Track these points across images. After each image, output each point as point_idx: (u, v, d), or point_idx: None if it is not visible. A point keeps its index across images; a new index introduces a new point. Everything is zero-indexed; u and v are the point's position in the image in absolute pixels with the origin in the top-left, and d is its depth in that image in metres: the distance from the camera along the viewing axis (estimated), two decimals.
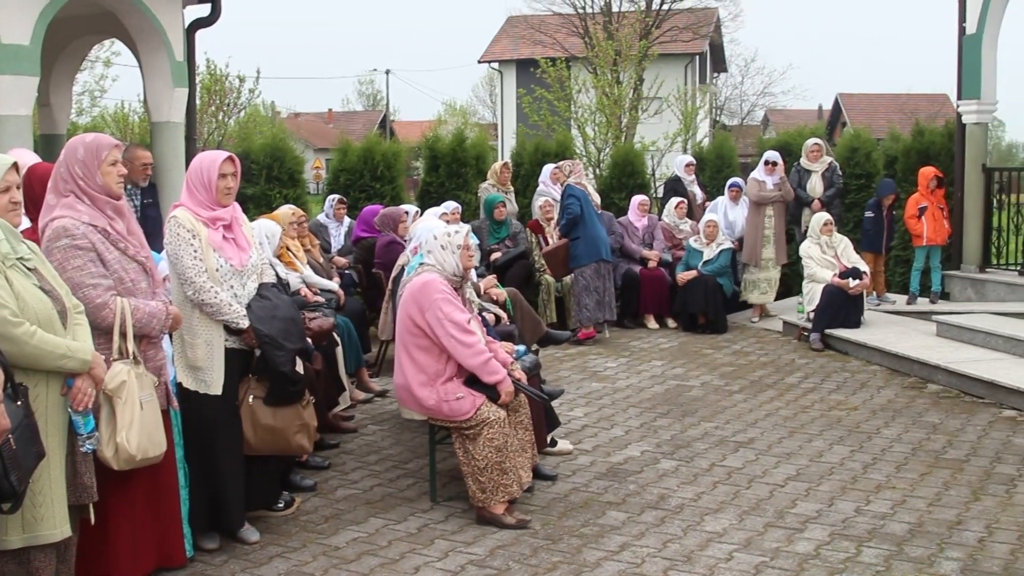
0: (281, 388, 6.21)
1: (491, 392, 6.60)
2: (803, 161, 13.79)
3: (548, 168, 14.60)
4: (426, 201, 15.13)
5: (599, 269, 12.44)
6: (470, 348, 6.52)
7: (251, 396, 6.17)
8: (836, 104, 66.05)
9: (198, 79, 22.65)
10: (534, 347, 9.65)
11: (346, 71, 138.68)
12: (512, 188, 14.67)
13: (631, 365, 11.24)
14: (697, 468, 7.66)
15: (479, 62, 49.67)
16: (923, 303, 13.14)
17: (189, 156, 11.97)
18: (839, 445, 8.21)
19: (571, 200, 12.32)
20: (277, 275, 7.99)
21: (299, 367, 6.36)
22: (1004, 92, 13.44)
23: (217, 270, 5.93)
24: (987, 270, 13.33)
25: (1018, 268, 13.19)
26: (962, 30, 13.47)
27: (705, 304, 13.04)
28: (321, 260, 10.59)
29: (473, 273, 9.30)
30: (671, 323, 13.50)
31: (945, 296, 13.41)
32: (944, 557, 5.96)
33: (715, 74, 54.06)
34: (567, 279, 12.82)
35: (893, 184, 13.86)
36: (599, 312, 12.47)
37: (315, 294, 9.47)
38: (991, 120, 13.99)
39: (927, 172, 13.17)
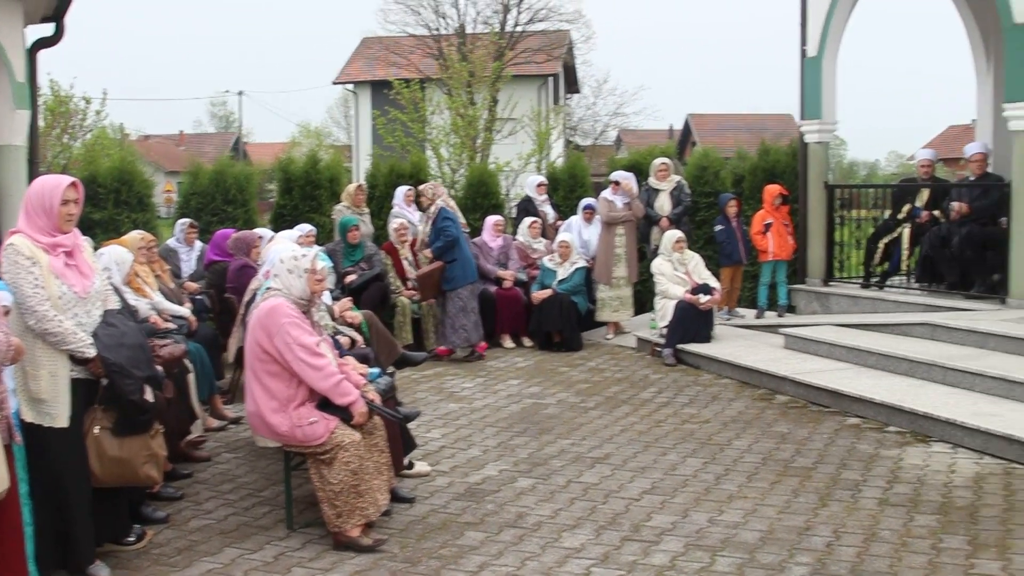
0: (130, 418, 6.06)
1: (345, 415, 6.55)
2: (651, 180, 14.08)
3: (402, 190, 14.59)
4: (280, 224, 14.95)
5: (473, 290, 12.64)
6: (320, 371, 6.45)
7: (97, 427, 6.00)
8: (686, 124, 67.44)
9: (41, 101, 22.02)
10: (390, 369, 9.61)
11: (198, 92, 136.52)
12: (367, 210, 14.60)
13: (487, 385, 11.27)
14: (554, 485, 7.72)
15: (334, 83, 49.34)
16: (771, 317, 13.50)
17: (32, 180, 11.61)
18: (692, 457, 8.36)
19: (448, 223, 12.46)
20: (125, 302, 7.81)
21: (149, 396, 6.21)
22: (846, 112, 13.93)
23: (60, 298, 5.76)
24: (831, 284, 13.75)
25: (859, 281, 13.63)
26: (803, 53, 13.90)
27: (560, 322, 13.16)
28: (172, 285, 10.37)
29: (327, 295, 9.24)
30: (527, 342, 13.58)
31: (792, 309, 13.79)
32: (794, 563, 6.12)
33: (568, 95, 54.63)
34: (426, 302, 12.86)
35: (730, 193, 14.26)
36: (475, 333, 12.63)
37: (165, 320, 9.26)
38: (832, 139, 14.45)
39: (771, 190, 13.56)
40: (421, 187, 13.21)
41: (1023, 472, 7.70)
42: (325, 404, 6.58)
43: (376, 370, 7.71)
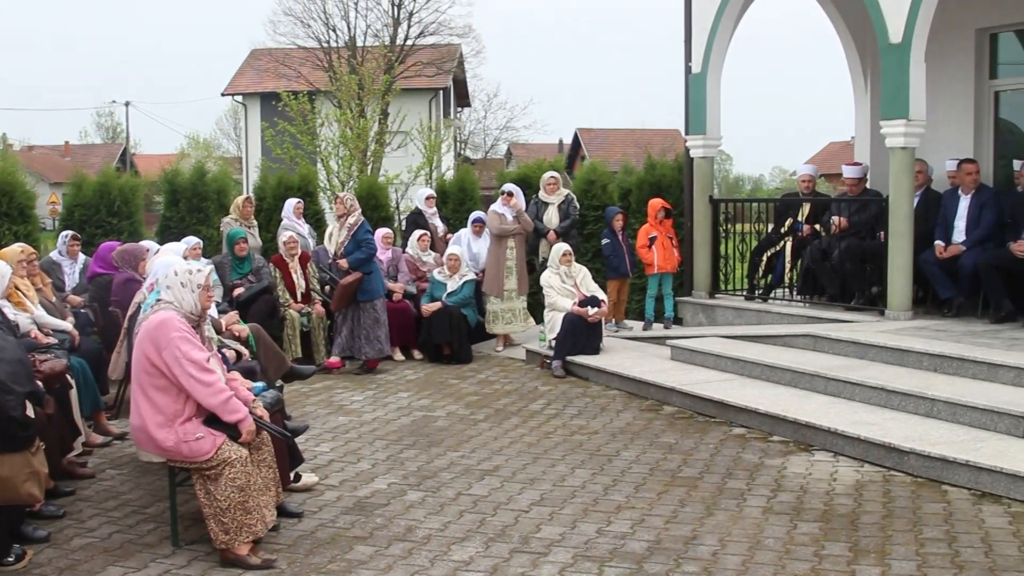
0: (10, 434, 5.89)
1: (232, 431, 6.44)
2: (541, 194, 14.17)
3: (291, 202, 14.48)
4: (166, 236, 14.73)
5: (384, 303, 12.78)
6: (209, 387, 6.34)
7: None
8: (576, 138, 68.07)
9: None
10: (279, 383, 9.50)
11: (84, 103, 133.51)
12: (255, 222, 14.44)
13: (377, 398, 11.20)
14: (443, 498, 7.69)
15: (222, 95, 48.76)
16: (658, 329, 13.65)
17: None
18: (581, 468, 8.40)
19: (369, 235, 12.65)
20: (4, 316, 7.60)
21: (29, 411, 6.04)
22: (731, 127, 14.19)
23: None
24: (716, 296, 13.94)
25: (744, 294, 13.85)
26: (688, 69, 14.10)
27: (450, 335, 13.15)
28: (54, 299, 10.13)
29: (214, 309, 9.08)
30: (417, 354, 13.55)
31: (678, 321, 13.96)
32: (681, 572, 6.17)
33: (459, 108, 54.79)
34: (315, 315, 12.77)
35: (617, 207, 14.42)
36: (387, 344, 12.71)
37: (47, 335, 9.02)
38: (717, 154, 14.68)
39: (655, 204, 13.74)
40: (341, 195, 13.14)
41: (902, 479, 7.88)
42: (212, 419, 6.46)
43: (261, 384, 7.60)
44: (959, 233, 11.80)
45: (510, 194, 13.74)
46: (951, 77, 13.54)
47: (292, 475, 7.74)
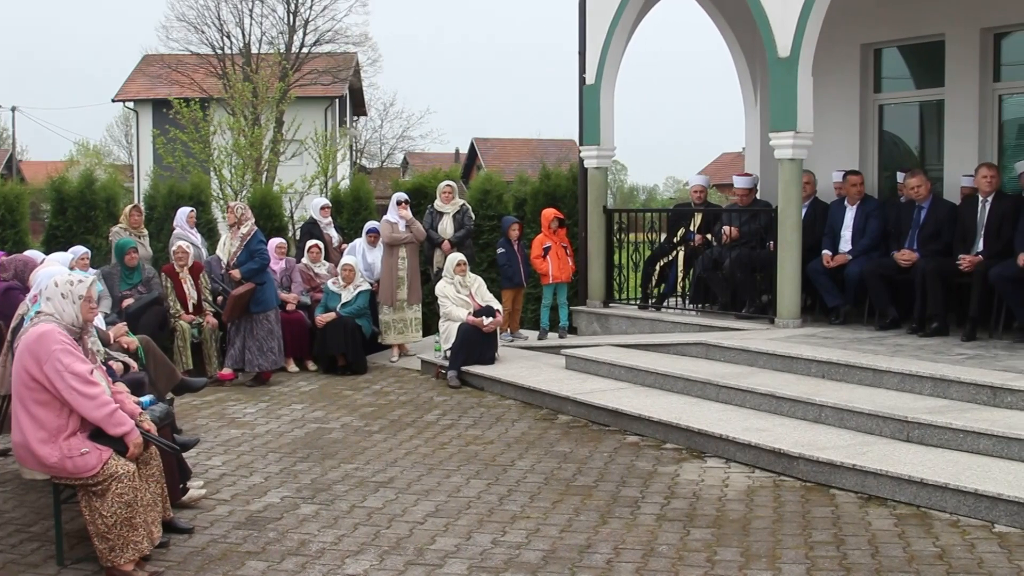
0: None
1: (119, 445, 6.29)
2: (436, 203, 14.15)
3: (184, 211, 14.27)
4: (53, 246, 14.37)
5: (278, 314, 12.68)
6: (93, 400, 6.18)
7: None
8: (472, 148, 68.14)
9: None
10: (169, 396, 9.31)
11: None
12: (146, 232, 14.18)
13: (271, 410, 11.06)
14: (338, 511, 7.60)
15: (113, 101, 47.75)
16: (553, 338, 13.69)
17: None
18: (476, 479, 8.37)
19: (262, 245, 12.53)
20: None
21: None
22: (627, 137, 14.29)
23: None
24: (610, 305, 14.03)
25: (638, 303, 13.97)
26: (582, 81, 14.19)
27: (345, 345, 13.04)
28: None
29: (101, 320, 8.88)
30: (311, 366, 13.44)
31: (573, 330, 14.01)
32: None
33: (355, 117, 54.50)
34: (207, 326, 12.58)
35: (512, 217, 14.47)
36: (281, 356, 12.64)
37: None
38: (611, 164, 14.79)
39: (548, 214, 13.79)
40: (232, 204, 12.96)
41: (791, 484, 8.01)
42: (97, 434, 6.30)
43: (149, 397, 7.44)
44: (845, 242, 12.07)
45: (406, 201, 13.70)
46: (837, 91, 13.85)
47: (181, 488, 7.59)
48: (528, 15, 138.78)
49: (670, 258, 13.73)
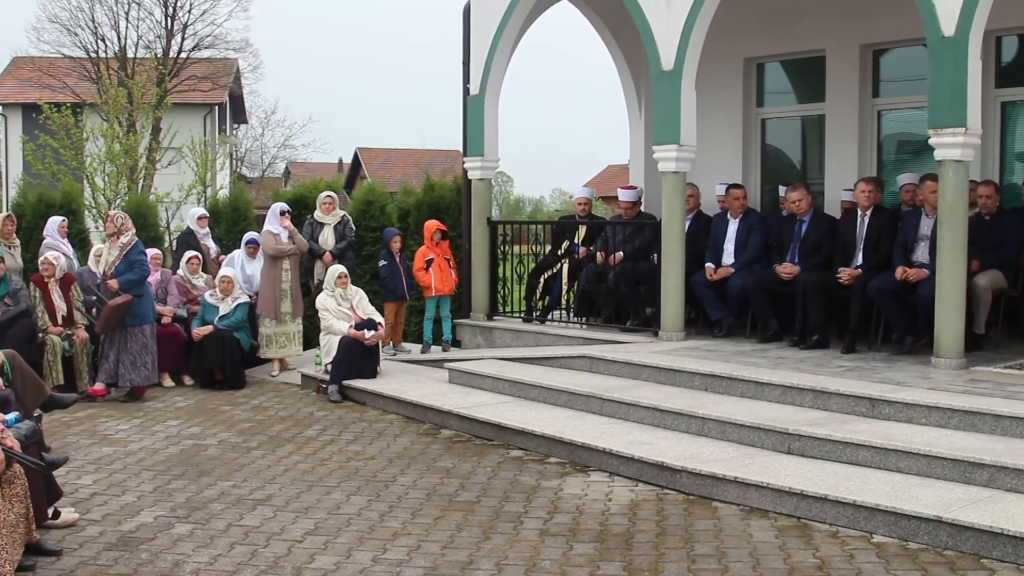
0: None
1: None
2: (317, 214, 14.05)
3: (55, 220, 14.00)
4: None
5: (154, 328, 12.43)
6: None
7: None
8: (356, 157, 67.77)
9: None
10: (37, 412, 9.05)
11: None
12: (17, 242, 13.79)
13: (144, 426, 10.84)
14: (213, 530, 7.47)
15: None
16: (436, 351, 13.67)
17: None
18: (357, 496, 8.31)
19: (142, 256, 12.29)
20: None
21: None
22: (514, 148, 14.36)
23: None
24: (494, 318, 14.06)
25: (521, 316, 14.02)
26: (466, 91, 14.21)
27: (223, 360, 12.86)
28: None
29: None
30: (187, 380, 13.21)
31: (457, 344, 14.01)
32: None
33: (235, 125, 53.83)
34: (78, 340, 12.31)
35: (395, 228, 14.44)
36: (155, 372, 12.40)
37: None
38: (496, 175, 14.83)
39: (430, 225, 13.78)
40: (112, 213, 12.67)
41: (674, 497, 8.10)
42: None
43: (14, 415, 7.23)
44: (728, 256, 12.28)
45: (287, 212, 13.58)
46: (721, 104, 14.11)
47: (51, 511, 7.38)
48: (414, 23, 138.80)
49: (554, 271, 13.81)
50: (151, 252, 13.56)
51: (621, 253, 12.66)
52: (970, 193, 10.11)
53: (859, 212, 11.36)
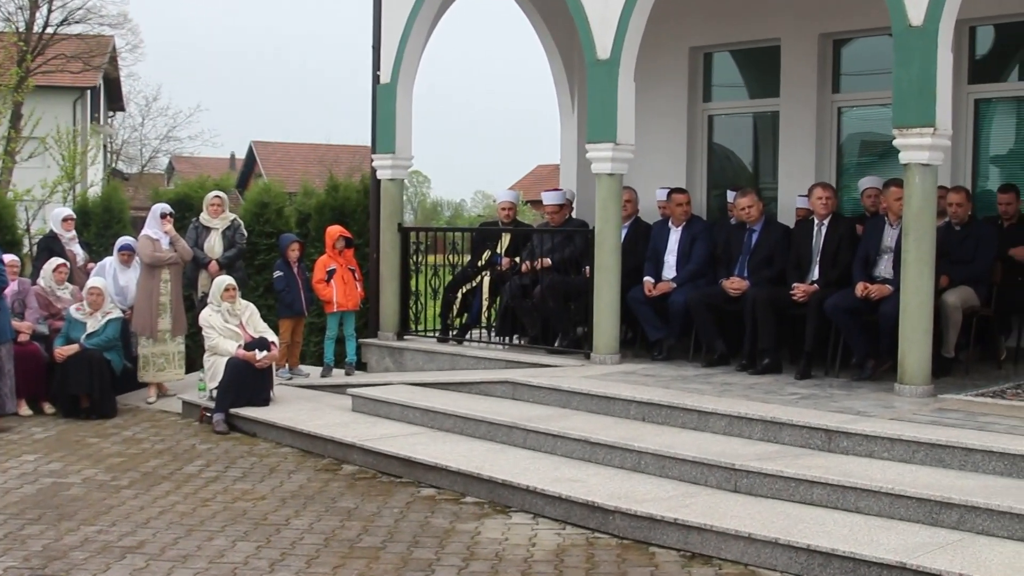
0: None
1: None
2: (203, 217, 13.92)
3: None
4: None
5: (10, 350, 12.31)
6: None
7: None
8: (251, 152, 67.40)
9: None
10: None
11: None
12: None
13: None
14: None
15: None
16: (338, 375, 13.62)
17: None
18: (244, 541, 8.23)
19: (1, 267, 12.06)
20: None
21: None
22: (431, 146, 14.33)
23: None
24: (405, 337, 14.03)
25: (436, 335, 14.01)
26: (376, 79, 14.16)
27: (90, 384, 12.69)
28: None
29: None
30: (48, 408, 13.07)
31: (361, 367, 13.96)
32: None
33: (111, 112, 53.30)
34: None
35: (293, 234, 14.36)
36: (12, 400, 12.36)
37: None
38: (409, 176, 14.81)
39: (332, 231, 13.72)
40: None
41: (607, 542, 8.13)
42: None
43: None
44: (669, 268, 12.35)
45: (170, 214, 13.45)
46: (663, 98, 14.24)
47: None
48: (319, 3, 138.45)
49: (474, 284, 13.82)
50: (7, 258, 13.35)
51: (549, 260, 12.68)
52: (939, 201, 10.29)
53: (815, 221, 11.49)
